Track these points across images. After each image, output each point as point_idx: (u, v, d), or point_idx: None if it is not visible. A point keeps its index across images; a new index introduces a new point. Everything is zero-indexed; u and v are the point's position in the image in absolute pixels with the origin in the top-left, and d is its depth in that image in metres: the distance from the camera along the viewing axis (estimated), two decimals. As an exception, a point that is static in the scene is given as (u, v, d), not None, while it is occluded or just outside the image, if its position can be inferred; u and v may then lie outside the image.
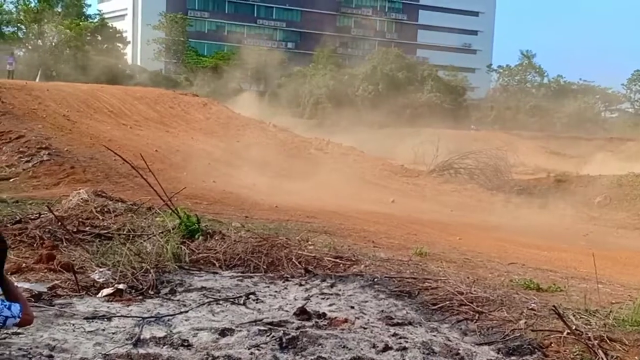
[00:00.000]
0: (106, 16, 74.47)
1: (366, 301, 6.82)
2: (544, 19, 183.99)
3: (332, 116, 55.05)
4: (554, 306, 5.79)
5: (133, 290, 6.60)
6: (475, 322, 6.01)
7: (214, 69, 66.46)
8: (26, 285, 6.21)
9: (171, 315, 6.00)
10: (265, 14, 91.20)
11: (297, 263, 8.07)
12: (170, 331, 5.57)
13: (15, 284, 3.89)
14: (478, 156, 28.44)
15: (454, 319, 6.19)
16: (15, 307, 3.45)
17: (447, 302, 6.55)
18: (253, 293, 6.89)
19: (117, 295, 6.35)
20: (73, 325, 5.49)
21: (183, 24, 74.98)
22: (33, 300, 5.81)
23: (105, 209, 9.64)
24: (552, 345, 5.36)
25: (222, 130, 26.68)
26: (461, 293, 6.72)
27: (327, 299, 6.89)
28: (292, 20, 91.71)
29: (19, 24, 63.75)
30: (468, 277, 7.61)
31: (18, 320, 3.47)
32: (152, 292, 6.64)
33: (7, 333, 4.88)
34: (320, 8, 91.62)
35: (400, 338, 5.64)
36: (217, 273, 7.68)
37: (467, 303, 6.44)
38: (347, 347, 5.36)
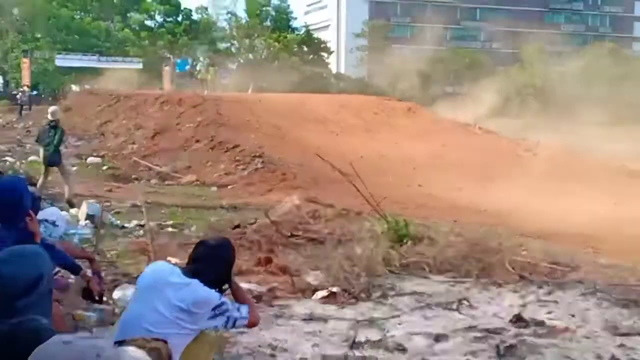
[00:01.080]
0: (311, 27, 77.71)
1: (588, 309, 6.38)
2: None
3: (541, 116, 52.45)
4: None
5: (346, 293, 6.70)
6: None
7: (417, 74, 66.43)
8: (247, 287, 6.57)
9: (384, 318, 6.00)
10: (468, 15, 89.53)
11: (510, 269, 7.73)
12: (385, 335, 5.56)
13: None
14: None
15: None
16: (244, 309, 3.63)
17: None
18: (466, 299, 6.71)
19: (331, 298, 6.49)
20: (292, 325, 5.69)
21: (385, 30, 75.99)
22: (255, 301, 6.12)
23: (316, 214, 9.96)
24: None
25: (427, 134, 26.50)
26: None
27: (545, 306, 6.55)
28: (497, 20, 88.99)
29: (231, 40, 68.74)
30: None
31: (246, 321, 3.64)
32: (364, 296, 6.70)
33: (233, 332, 5.17)
34: (528, 5, 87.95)
35: (628, 349, 5.20)
36: (427, 278, 7.58)
37: None
38: (569, 357, 5.07)
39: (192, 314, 3.43)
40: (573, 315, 6.20)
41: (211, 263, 3.62)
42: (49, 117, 12.66)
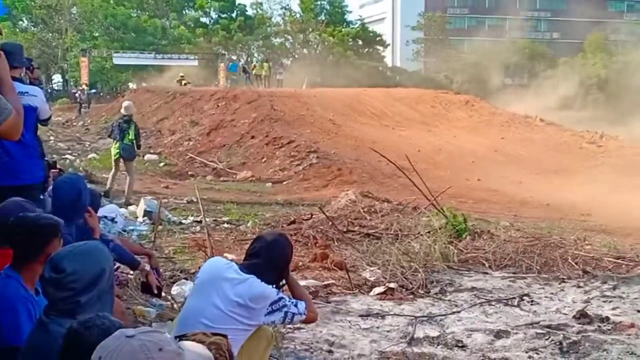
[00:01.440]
0: (366, 21, 77.39)
1: (655, 305, 6.16)
2: None
3: (605, 107, 50.96)
4: None
5: (403, 289, 6.63)
6: None
7: (475, 66, 65.45)
8: (304, 283, 6.56)
9: (443, 315, 5.91)
10: (528, 5, 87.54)
11: (573, 264, 7.55)
12: (444, 331, 5.48)
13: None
14: None
15: None
16: (301, 305, 3.62)
17: None
18: (527, 294, 6.57)
19: (388, 294, 6.43)
20: (349, 322, 5.66)
21: (442, 22, 75.05)
22: (311, 297, 6.11)
23: (373, 209, 9.88)
24: None
25: (485, 127, 26.13)
26: None
27: (610, 302, 6.38)
28: (558, 9, 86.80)
29: (286, 35, 69.06)
30: None
31: (304, 317, 3.63)
32: (422, 292, 6.61)
33: (290, 328, 5.18)
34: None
35: (700, 347, 4.97)
36: (487, 273, 7.44)
37: None
38: (635, 354, 4.90)
39: (250, 310, 3.44)
40: (639, 311, 6.01)
41: (268, 259, 3.62)
42: (122, 111, 12.51)
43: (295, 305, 3.58)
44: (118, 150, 12.14)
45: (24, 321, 2.82)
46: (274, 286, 3.59)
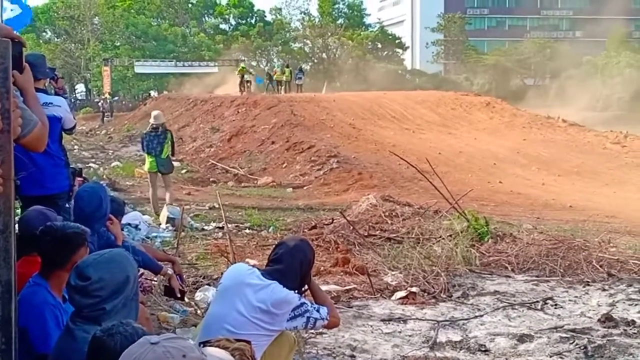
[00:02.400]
0: (385, 24, 77.25)
1: (681, 307, 6.08)
2: None
3: (630, 107, 50.32)
4: None
5: (425, 294, 6.62)
6: None
7: (495, 67, 65.04)
8: (325, 288, 6.58)
9: (466, 319, 5.89)
10: (549, 4, 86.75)
11: (598, 266, 7.47)
12: (466, 335, 5.47)
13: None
14: None
15: None
16: (324, 310, 3.64)
17: None
18: (551, 298, 6.53)
19: (410, 298, 6.42)
20: (371, 326, 5.66)
21: (462, 23, 74.64)
22: (333, 302, 6.13)
23: (394, 213, 9.86)
24: None
25: (507, 128, 25.96)
26: None
27: (636, 305, 6.30)
28: (580, 7, 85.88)
29: (305, 40, 69.20)
30: None
31: (326, 322, 3.65)
32: (444, 296, 6.60)
33: (312, 333, 5.20)
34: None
35: None
36: (509, 277, 7.39)
37: None
38: (661, 359, 4.81)
39: (272, 315, 3.47)
40: (665, 315, 5.93)
41: (290, 264, 3.64)
42: (152, 121, 11.65)
43: (318, 311, 3.61)
44: (155, 166, 11.43)
45: (52, 328, 2.88)
46: (296, 291, 3.62)
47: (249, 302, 3.47)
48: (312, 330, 5.01)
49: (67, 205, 5.08)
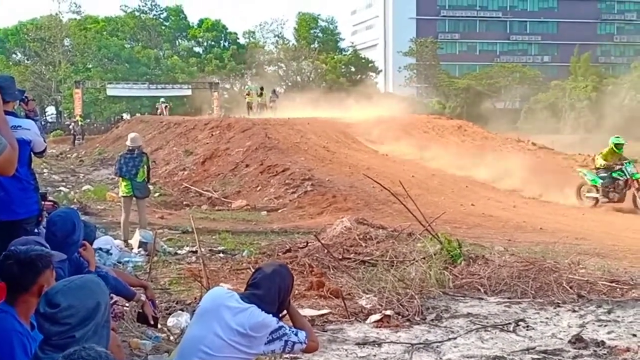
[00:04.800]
0: (358, 47, 78.02)
1: (649, 328, 6.16)
2: None
3: (596, 130, 51.29)
4: None
5: (400, 316, 6.62)
6: None
7: (466, 90, 65.97)
8: (299, 312, 6.55)
9: (440, 341, 5.90)
10: (518, 29, 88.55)
11: (568, 288, 7.52)
12: (440, 358, 5.48)
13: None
14: None
15: None
16: (302, 334, 3.64)
17: None
18: (523, 319, 6.56)
19: (384, 321, 6.42)
20: (346, 350, 5.64)
21: (434, 47, 75.75)
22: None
23: (368, 236, 9.86)
24: None
25: (478, 151, 26.19)
26: None
27: (605, 326, 6.37)
28: (548, 33, 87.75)
29: (279, 63, 69.56)
30: None
31: (304, 346, 3.65)
32: (418, 318, 6.60)
33: (287, 358, 5.15)
34: (579, 17, 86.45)
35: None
36: (482, 299, 7.42)
37: None
38: (632, 379, 4.85)
39: (250, 338, 3.47)
40: (635, 335, 6.02)
41: (269, 290, 3.64)
42: (128, 143, 11.45)
43: (296, 334, 3.60)
44: (130, 189, 11.18)
45: (20, 356, 2.82)
46: (275, 316, 3.61)
47: (227, 324, 3.47)
48: (288, 355, 4.97)
49: (35, 230, 5.01)
